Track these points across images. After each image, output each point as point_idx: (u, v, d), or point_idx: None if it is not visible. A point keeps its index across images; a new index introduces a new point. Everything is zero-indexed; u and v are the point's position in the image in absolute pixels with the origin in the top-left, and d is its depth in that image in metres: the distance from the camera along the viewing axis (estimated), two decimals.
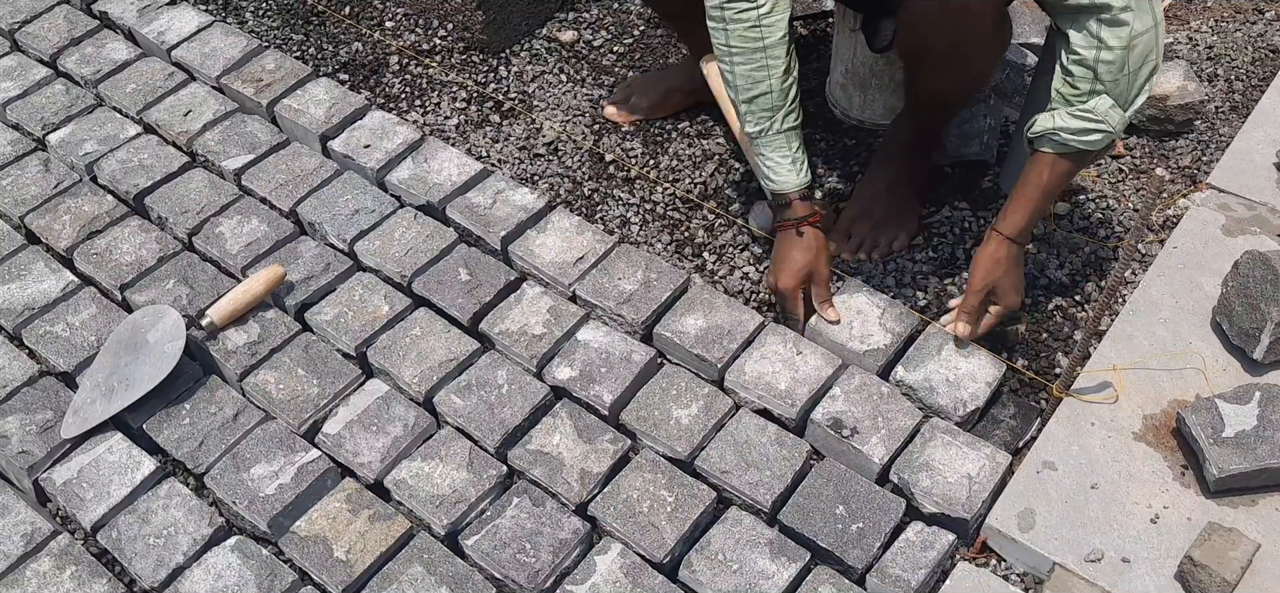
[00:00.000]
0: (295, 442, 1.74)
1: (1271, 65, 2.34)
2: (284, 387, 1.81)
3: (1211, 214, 1.98)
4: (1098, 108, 1.57)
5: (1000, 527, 1.59)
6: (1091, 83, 1.56)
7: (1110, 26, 1.52)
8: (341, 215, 2.06)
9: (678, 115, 2.29)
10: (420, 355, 1.83)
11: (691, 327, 1.84)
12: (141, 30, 2.46)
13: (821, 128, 2.26)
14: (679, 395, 1.76)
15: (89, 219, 2.08)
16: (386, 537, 1.62)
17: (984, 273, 1.72)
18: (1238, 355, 1.75)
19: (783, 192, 1.79)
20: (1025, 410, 1.75)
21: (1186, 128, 2.20)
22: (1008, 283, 1.73)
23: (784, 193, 1.79)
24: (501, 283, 1.94)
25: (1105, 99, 1.57)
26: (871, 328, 1.83)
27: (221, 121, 2.26)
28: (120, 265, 1.99)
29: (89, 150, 2.21)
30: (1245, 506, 1.58)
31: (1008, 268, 1.72)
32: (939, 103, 1.90)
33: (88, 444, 1.75)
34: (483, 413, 1.75)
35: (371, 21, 2.56)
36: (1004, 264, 1.71)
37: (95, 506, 1.68)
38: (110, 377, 1.80)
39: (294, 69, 2.35)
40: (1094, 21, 1.52)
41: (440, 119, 2.32)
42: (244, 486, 1.68)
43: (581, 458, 1.69)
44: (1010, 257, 1.71)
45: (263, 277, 1.91)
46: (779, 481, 1.65)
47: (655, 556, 1.59)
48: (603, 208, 2.12)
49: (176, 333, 1.81)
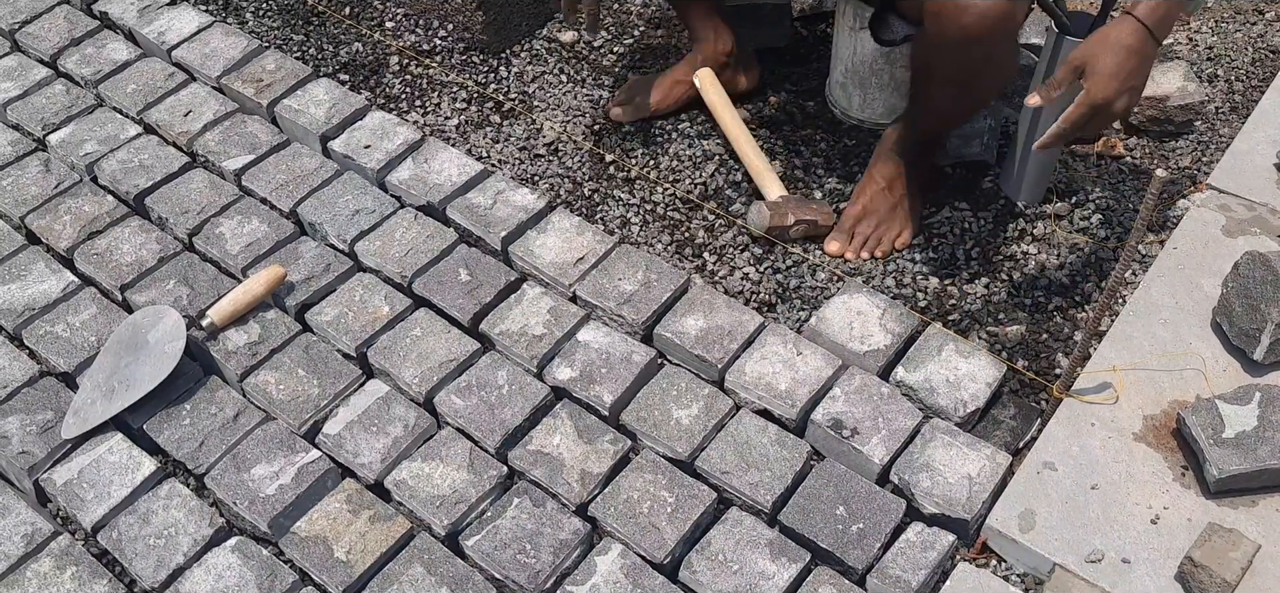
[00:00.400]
0: (296, 442, 1.74)
1: (1272, 66, 2.34)
2: (284, 387, 1.81)
3: (1212, 215, 1.98)
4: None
5: (1000, 527, 1.59)
6: None
7: None
8: (342, 216, 2.06)
9: (679, 115, 2.29)
10: (420, 356, 1.83)
11: (692, 327, 1.84)
12: (142, 31, 2.46)
13: (822, 127, 2.26)
14: (679, 396, 1.76)
15: (89, 219, 2.08)
16: (387, 537, 1.62)
17: (1094, 46, 1.50)
18: (1238, 356, 1.75)
19: None
20: (1025, 411, 1.75)
21: (1186, 128, 2.20)
22: (1112, 67, 1.48)
23: None
24: (502, 283, 1.94)
25: None
26: (871, 328, 1.83)
27: (222, 122, 2.26)
28: (120, 266, 1.99)
29: (89, 151, 2.21)
30: (1246, 506, 1.58)
31: (1121, 54, 1.50)
32: (942, 118, 1.92)
33: (88, 445, 1.75)
34: (483, 413, 1.75)
35: (372, 22, 2.56)
36: (1118, 50, 1.49)
37: (96, 506, 1.68)
38: (111, 377, 1.80)
39: (294, 69, 2.35)
40: None
41: (440, 119, 2.32)
42: (244, 486, 1.68)
43: (582, 459, 1.69)
44: (1135, 44, 1.49)
45: (263, 277, 1.91)
46: (779, 481, 1.65)
47: (656, 556, 1.59)
48: (603, 208, 2.12)
49: (177, 333, 1.81)
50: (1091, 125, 1.57)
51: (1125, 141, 2.20)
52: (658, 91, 2.28)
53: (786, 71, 2.37)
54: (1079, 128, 1.57)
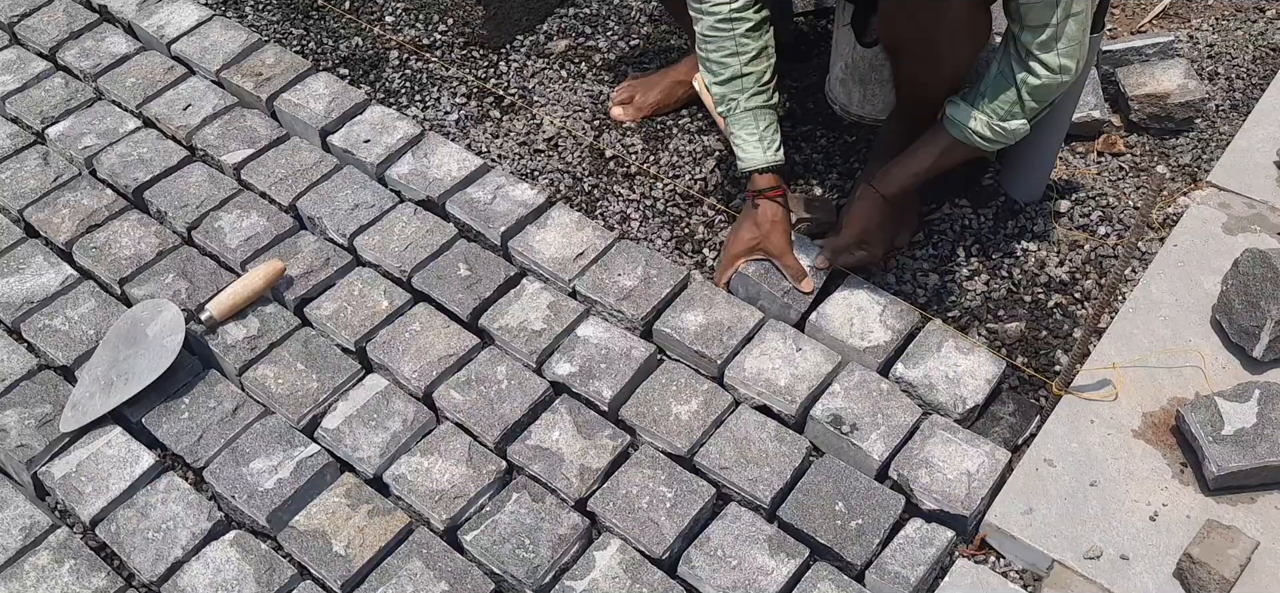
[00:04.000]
0: (294, 436, 1.74)
1: (1272, 63, 2.33)
2: (283, 381, 1.81)
3: (1212, 212, 1.98)
4: (1013, 130, 1.72)
5: (999, 524, 1.59)
6: (1018, 106, 1.69)
7: (1056, 59, 1.63)
8: (341, 210, 2.05)
9: (678, 111, 2.29)
10: (420, 351, 1.83)
11: (691, 323, 1.84)
12: (141, 24, 2.46)
13: (822, 124, 2.26)
14: (679, 392, 1.76)
15: (88, 213, 2.08)
16: (386, 532, 1.62)
17: (860, 227, 1.87)
18: (1237, 353, 1.75)
19: (748, 168, 1.85)
20: (1025, 408, 1.75)
21: (1187, 126, 2.20)
22: (878, 234, 1.88)
23: (749, 169, 1.85)
24: (501, 278, 1.94)
25: (1024, 124, 1.71)
26: (872, 324, 1.83)
27: (221, 116, 2.25)
28: (119, 259, 1.99)
29: (88, 144, 2.21)
30: (1244, 503, 1.58)
31: (881, 222, 1.87)
32: (923, 94, 1.90)
33: (86, 438, 1.75)
34: (482, 408, 1.75)
35: (371, 16, 2.56)
36: (876, 219, 1.86)
37: (94, 499, 1.68)
38: (109, 371, 1.80)
39: (294, 63, 2.35)
40: (1049, 50, 1.62)
41: (440, 114, 2.32)
42: (243, 480, 1.68)
43: (581, 454, 1.69)
44: (883, 212, 1.86)
45: (262, 271, 1.91)
46: (778, 477, 1.65)
47: (654, 551, 1.59)
48: (603, 204, 2.12)
49: (176, 327, 1.81)
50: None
51: (1126, 139, 2.19)
52: (658, 90, 2.27)
53: (786, 68, 2.36)
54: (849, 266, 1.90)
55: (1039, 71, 1.64)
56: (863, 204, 1.88)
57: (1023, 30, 1.64)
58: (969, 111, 1.73)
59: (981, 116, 1.72)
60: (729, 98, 1.81)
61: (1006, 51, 1.69)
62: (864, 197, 1.88)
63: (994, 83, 1.70)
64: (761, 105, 1.82)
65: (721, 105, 1.83)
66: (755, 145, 1.82)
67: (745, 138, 1.83)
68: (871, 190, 1.87)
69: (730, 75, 1.79)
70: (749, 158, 1.83)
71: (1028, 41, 1.64)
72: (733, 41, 1.77)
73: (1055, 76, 1.64)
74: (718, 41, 1.77)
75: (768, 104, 1.82)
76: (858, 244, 1.88)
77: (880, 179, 1.86)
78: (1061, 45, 1.62)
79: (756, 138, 1.82)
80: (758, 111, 1.82)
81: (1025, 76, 1.66)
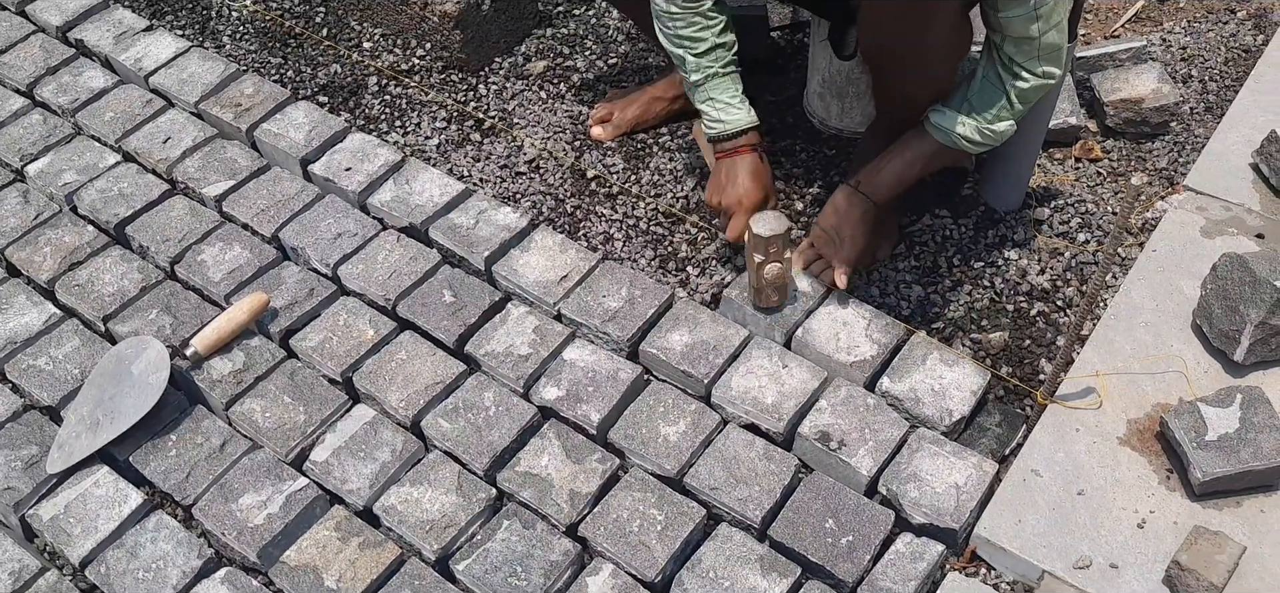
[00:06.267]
0: (283, 470, 1.73)
1: (1244, 65, 2.36)
2: (270, 415, 1.80)
3: (1189, 216, 1.99)
4: (1001, 131, 1.76)
5: (989, 536, 1.60)
6: (1007, 109, 1.74)
7: (1039, 66, 1.69)
8: (324, 240, 2.05)
9: (658, 129, 2.30)
10: (407, 379, 1.83)
11: (677, 343, 1.85)
12: (118, 57, 2.45)
13: (801, 138, 2.27)
14: (666, 412, 1.77)
15: (70, 250, 2.07)
16: (377, 564, 1.62)
17: (864, 235, 1.89)
18: (1218, 357, 1.77)
19: (738, 127, 1.88)
20: (1011, 418, 1.76)
21: (1162, 130, 2.22)
22: (850, 235, 1.88)
23: (739, 128, 1.88)
24: (486, 304, 1.94)
25: (1012, 125, 1.76)
26: (857, 339, 1.84)
27: (201, 148, 2.25)
28: (102, 296, 1.98)
29: (68, 180, 2.20)
30: (1230, 508, 1.60)
31: (857, 222, 1.87)
32: (904, 106, 1.91)
33: (74, 479, 1.74)
34: (470, 436, 1.75)
35: (349, 43, 2.56)
36: (853, 218, 1.88)
37: (83, 541, 1.67)
38: (95, 410, 1.79)
39: (273, 93, 2.34)
40: (1032, 59, 1.68)
41: (421, 139, 2.32)
42: (232, 516, 1.68)
43: (570, 479, 1.70)
44: (863, 213, 1.88)
45: (246, 304, 1.90)
46: (768, 495, 1.66)
47: (647, 575, 1.59)
48: (586, 225, 2.12)
49: (160, 363, 1.81)
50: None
51: (1103, 144, 2.21)
52: (636, 106, 2.28)
53: (764, 83, 2.37)
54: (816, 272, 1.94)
55: (1026, 77, 1.71)
56: (854, 210, 1.88)
57: (1005, 41, 1.68)
58: (956, 117, 1.77)
59: (970, 122, 1.76)
60: (706, 67, 1.87)
61: (991, 60, 1.73)
62: (853, 202, 1.88)
63: (980, 89, 1.74)
64: (734, 72, 1.90)
65: (697, 74, 1.88)
66: (739, 106, 1.89)
67: (727, 102, 1.89)
68: (860, 196, 1.88)
69: (707, 47, 1.86)
70: (735, 118, 1.88)
71: (1011, 51, 1.69)
72: (701, 18, 1.85)
73: (1041, 81, 1.71)
74: (686, 18, 1.85)
75: (738, 72, 1.91)
76: (869, 250, 1.94)
77: (867, 183, 1.87)
78: (1043, 53, 1.67)
79: (738, 100, 1.89)
80: (733, 76, 1.90)
81: (1012, 82, 1.71)
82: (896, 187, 1.87)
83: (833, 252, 1.90)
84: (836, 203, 1.90)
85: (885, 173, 1.86)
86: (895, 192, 1.89)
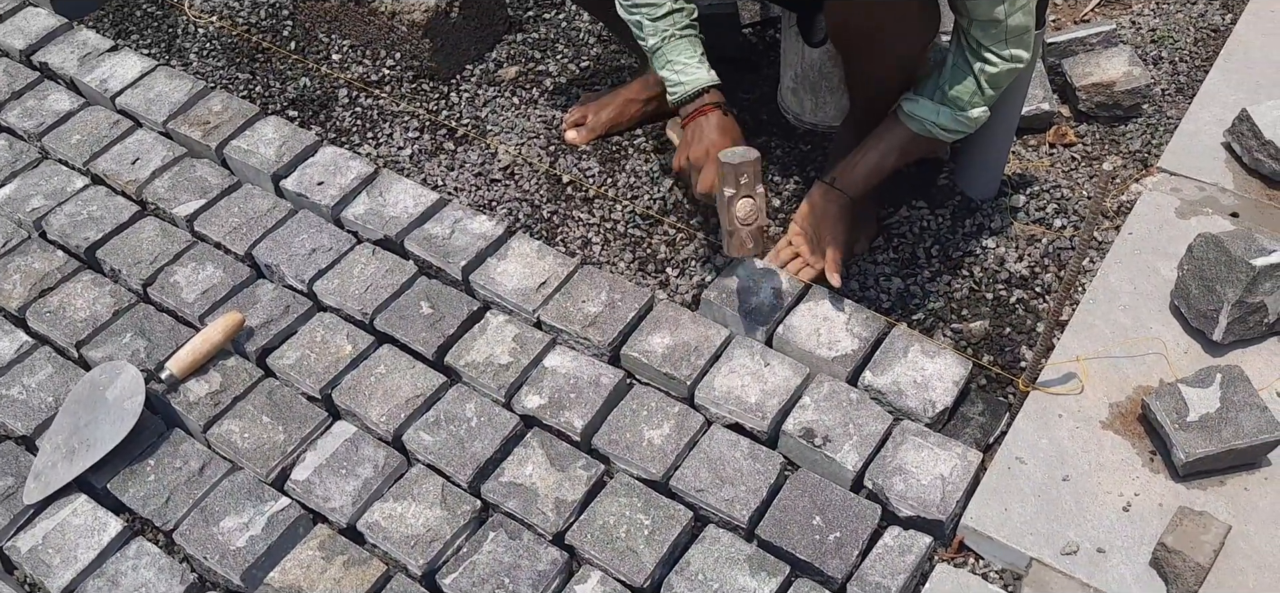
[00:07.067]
0: (264, 491, 1.71)
1: (1213, 45, 2.37)
2: (249, 435, 1.78)
3: (1164, 198, 2.00)
4: (975, 118, 1.77)
5: (976, 525, 1.60)
6: (979, 95, 1.74)
7: (1006, 49, 1.69)
8: (298, 255, 2.03)
9: (633, 131, 2.29)
10: (386, 393, 1.81)
11: (658, 345, 1.84)
12: (83, 79, 2.42)
13: (776, 134, 2.27)
14: (650, 416, 1.76)
15: (40, 276, 2.04)
16: (362, 582, 1.60)
17: (844, 232, 1.90)
18: (1198, 337, 1.77)
19: (699, 86, 1.86)
20: (993, 407, 1.76)
21: (1135, 112, 2.22)
22: (829, 232, 1.89)
23: (699, 87, 1.85)
24: (465, 314, 1.92)
25: (985, 111, 1.77)
26: (838, 334, 1.83)
27: (170, 167, 2.22)
28: (75, 322, 1.96)
29: (36, 206, 2.17)
30: (1214, 487, 1.60)
31: (834, 219, 1.89)
32: (875, 93, 1.91)
33: (51, 508, 1.72)
34: (453, 448, 1.74)
35: (318, 56, 2.53)
36: (831, 215, 1.89)
37: (63, 571, 1.64)
38: (71, 438, 1.76)
39: (242, 109, 2.32)
40: (999, 42, 1.69)
41: (393, 150, 2.30)
42: (214, 540, 1.66)
43: (556, 487, 1.68)
44: (841, 209, 1.89)
45: (221, 324, 1.88)
46: (754, 495, 1.65)
47: (635, 581, 1.58)
48: (563, 230, 2.11)
49: (135, 388, 1.78)
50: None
51: (1076, 129, 2.22)
52: (611, 110, 2.27)
53: (737, 79, 2.37)
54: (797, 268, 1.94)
55: (993, 61, 1.71)
56: (831, 206, 1.89)
57: (971, 24, 1.69)
58: (928, 105, 1.77)
59: (944, 109, 1.76)
60: (663, 30, 1.86)
61: (959, 45, 1.74)
62: (830, 199, 1.89)
63: (951, 74, 1.75)
64: (692, 35, 1.88)
65: (654, 38, 1.86)
66: (698, 66, 1.87)
67: (685, 63, 1.87)
68: (836, 192, 1.88)
69: (665, 11, 1.85)
70: (695, 78, 1.86)
71: (978, 34, 1.69)
72: None
73: (1009, 64, 1.71)
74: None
75: (697, 35, 1.89)
76: (847, 245, 1.93)
77: (842, 179, 1.88)
78: (1010, 36, 1.68)
79: (697, 61, 1.87)
80: (691, 39, 1.88)
81: (981, 66, 1.72)
82: (872, 179, 1.87)
83: (811, 249, 1.90)
84: (813, 200, 1.90)
85: (860, 167, 1.86)
86: (871, 184, 1.88)
